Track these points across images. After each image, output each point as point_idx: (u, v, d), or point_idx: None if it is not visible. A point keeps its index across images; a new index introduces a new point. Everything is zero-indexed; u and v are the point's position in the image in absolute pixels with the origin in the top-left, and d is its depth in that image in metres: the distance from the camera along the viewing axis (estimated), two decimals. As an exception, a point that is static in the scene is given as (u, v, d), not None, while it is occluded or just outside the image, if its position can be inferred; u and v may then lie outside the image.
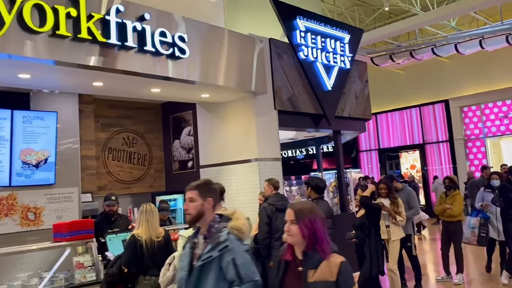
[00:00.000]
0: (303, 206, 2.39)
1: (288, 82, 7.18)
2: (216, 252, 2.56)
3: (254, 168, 6.63)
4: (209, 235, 2.68)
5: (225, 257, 2.54)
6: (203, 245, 2.68)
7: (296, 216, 2.33)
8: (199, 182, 2.79)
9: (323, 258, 2.26)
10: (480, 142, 16.04)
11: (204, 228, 2.73)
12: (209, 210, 2.71)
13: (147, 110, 8.74)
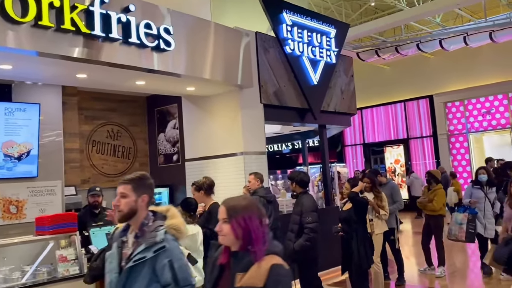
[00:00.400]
0: (237, 203, 2.12)
1: (274, 76, 7.18)
2: (151, 253, 2.33)
3: (239, 162, 6.64)
4: (141, 234, 2.44)
5: (160, 259, 2.32)
6: (132, 245, 2.44)
7: (228, 214, 2.08)
8: (133, 176, 2.55)
9: (254, 260, 1.99)
10: (463, 138, 16.28)
11: (135, 226, 2.48)
12: (143, 207, 2.47)
13: (132, 103, 8.65)
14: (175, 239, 2.41)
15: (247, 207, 2.09)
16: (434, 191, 7.03)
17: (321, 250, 5.36)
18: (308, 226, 4.81)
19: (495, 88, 15.22)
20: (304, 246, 4.80)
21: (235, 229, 2.03)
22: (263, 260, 1.97)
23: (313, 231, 4.81)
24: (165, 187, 8.03)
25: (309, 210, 4.88)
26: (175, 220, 2.47)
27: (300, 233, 4.87)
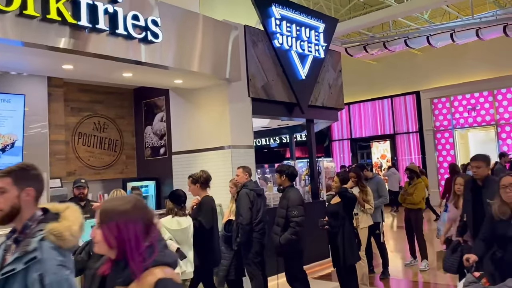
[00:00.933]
0: (112, 206, 1.74)
1: (263, 69, 7.17)
2: (21, 265, 1.90)
3: (227, 156, 6.63)
4: (22, 238, 2.02)
5: (31, 272, 1.89)
6: (11, 251, 2.02)
7: (100, 218, 1.71)
8: (13, 167, 2.10)
9: (133, 277, 1.65)
10: (449, 134, 16.47)
11: (18, 228, 2.06)
12: (28, 203, 2.06)
13: (119, 95, 8.58)
14: (55, 247, 1.94)
15: (125, 212, 1.70)
16: (415, 185, 7.18)
17: (307, 243, 5.40)
18: (294, 220, 4.84)
19: (480, 85, 15.41)
20: (290, 239, 4.83)
21: (107, 237, 1.67)
22: (148, 274, 1.65)
23: (299, 225, 4.84)
24: (152, 180, 8.01)
25: (296, 204, 4.91)
26: (64, 223, 2.00)
27: (286, 227, 4.90)
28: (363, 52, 15.01)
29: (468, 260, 3.65)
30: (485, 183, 4.38)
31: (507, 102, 15.17)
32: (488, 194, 4.21)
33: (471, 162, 4.53)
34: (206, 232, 4.90)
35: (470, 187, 4.55)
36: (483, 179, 4.39)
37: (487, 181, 4.38)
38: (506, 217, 3.52)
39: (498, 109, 15.35)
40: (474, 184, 4.51)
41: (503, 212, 3.52)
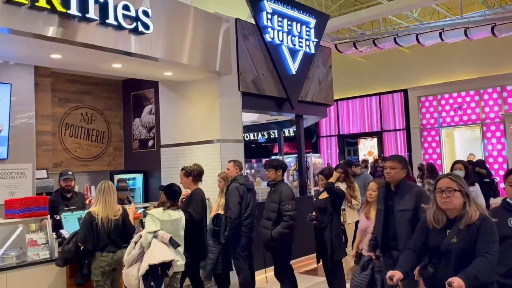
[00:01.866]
0: None
1: (253, 64, 7.15)
2: None
3: (216, 149, 6.61)
4: None
5: None
6: None
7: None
8: None
9: None
10: (435, 132, 16.64)
11: None
12: None
13: (107, 86, 8.49)
14: None
15: None
16: None
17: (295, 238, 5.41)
18: (288, 214, 4.85)
19: (467, 84, 15.57)
20: (282, 233, 4.83)
21: None
22: None
23: (292, 219, 4.85)
24: (140, 173, 7.96)
25: (289, 198, 4.92)
26: None
27: (278, 221, 4.90)
28: (353, 49, 15.06)
29: (391, 278, 2.92)
30: (398, 189, 3.83)
31: (493, 101, 15.37)
32: (399, 202, 3.76)
33: (385, 162, 3.99)
34: (195, 224, 4.88)
35: (383, 194, 3.96)
36: (396, 184, 3.84)
37: (399, 186, 3.83)
38: (441, 226, 2.86)
39: (484, 109, 15.55)
40: (387, 189, 3.93)
41: (437, 220, 2.86)
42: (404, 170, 3.86)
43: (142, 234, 4.29)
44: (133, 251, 4.28)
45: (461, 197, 2.82)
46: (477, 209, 2.78)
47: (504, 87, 15.10)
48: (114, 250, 4.44)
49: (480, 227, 2.71)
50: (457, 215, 2.81)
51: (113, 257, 4.42)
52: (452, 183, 2.85)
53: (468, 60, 15.40)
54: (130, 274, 4.23)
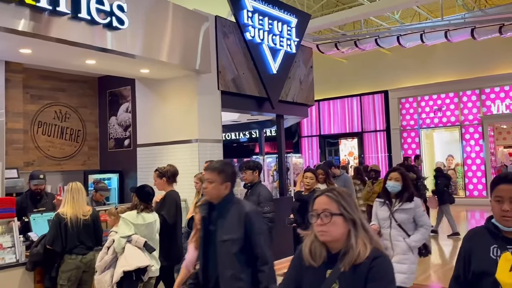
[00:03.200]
0: None
1: (233, 62, 7.01)
2: None
3: (194, 149, 6.46)
4: None
5: None
6: None
7: None
8: None
9: None
10: (415, 133, 16.76)
11: None
12: None
13: (82, 83, 8.24)
14: None
15: None
16: (379, 183, 7.26)
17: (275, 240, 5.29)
18: (267, 216, 4.73)
19: (447, 86, 15.72)
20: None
21: None
22: None
23: (271, 221, 4.74)
24: (115, 173, 7.74)
25: (267, 199, 4.81)
26: None
27: (256, 223, 4.77)
28: (334, 49, 15.05)
29: None
30: (221, 210, 2.80)
31: (472, 104, 15.55)
32: (222, 228, 2.74)
33: (204, 172, 2.96)
34: (169, 227, 4.72)
35: (204, 214, 2.88)
36: (218, 203, 2.81)
37: (222, 207, 2.80)
38: (319, 264, 1.96)
39: (462, 111, 15.72)
40: (210, 210, 2.85)
41: (315, 254, 1.97)
42: (228, 184, 2.80)
43: (115, 239, 4.11)
44: (105, 256, 4.10)
45: (344, 224, 1.92)
46: (368, 242, 1.91)
47: (483, 89, 15.29)
48: (83, 252, 4.27)
49: (370, 270, 1.85)
50: (340, 249, 1.93)
51: (82, 259, 4.25)
52: (330, 203, 1.94)
53: (447, 63, 15.55)
54: (103, 280, 4.05)
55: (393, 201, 4.02)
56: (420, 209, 4.01)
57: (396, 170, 4.10)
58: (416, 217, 3.95)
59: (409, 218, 3.95)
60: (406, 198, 3.95)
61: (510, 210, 1.98)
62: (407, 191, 3.98)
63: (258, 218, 2.86)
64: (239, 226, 2.72)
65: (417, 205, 3.99)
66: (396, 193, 4.00)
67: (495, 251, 2.03)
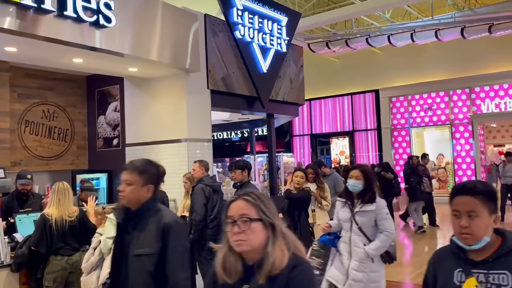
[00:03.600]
0: None
1: (223, 61, 6.97)
2: None
3: (183, 149, 6.41)
4: None
5: None
6: None
7: None
8: None
9: None
10: (405, 132, 16.82)
11: None
12: None
13: (71, 82, 8.14)
14: None
15: None
16: None
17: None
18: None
19: (437, 85, 15.79)
20: None
21: None
22: None
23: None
24: (104, 173, 7.66)
25: None
26: None
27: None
28: (326, 48, 15.04)
29: None
30: (138, 218, 2.38)
31: (462, 103, 15.63)
32: (137, 240, 2.32)
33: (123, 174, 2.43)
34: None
35: (119, 221, 2.48)
36: (137, 209, 2.39)
37: (140, 214, 2.38)
38: (235, 279, 1.69)
39: (453, 109, 15.80)
40: (128, 217, 2.42)
41: (229, 269, 1.69)
42: (150, 187, 2.41)
43: (102, 240, 4.06)
44: (92, 257, 4.05)
45: (263, 231, 1.68)
46: (285, 249, 1.67)
47: (473, 88, 15.38)
48: (69, 254, 4.22)
49: (289, 282, 1.61)
50: (257, 260, 1.67)
51: (68, 260, 4.19)
52: (248, 208, 1.69)
53: (438, 62, 15.62)
54: (89, 282, 4.00)
55: (355, 201, 3.67)
56: (383, 212, 3.64)
57: (357, 167, 3.77)
58: (377, 220, 3.61)
59: (370, 221, 3.61)
60: (367, 199, 3.61)
61: (468, 226, 1.71)
62: (369, 191, 3.63)
63: (179, 232, 2.36)
64: (156, 239, 2.27)
65: (379, 207, 3.63)
66: (358, 193, 3.65)
67: (459, 276, 1.76)
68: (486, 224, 1.72)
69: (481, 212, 1.71)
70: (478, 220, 1.70)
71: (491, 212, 1.73)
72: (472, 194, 1.72)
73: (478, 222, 1.70)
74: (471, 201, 1.71)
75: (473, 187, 1.74)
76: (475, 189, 1.73)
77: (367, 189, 3.63)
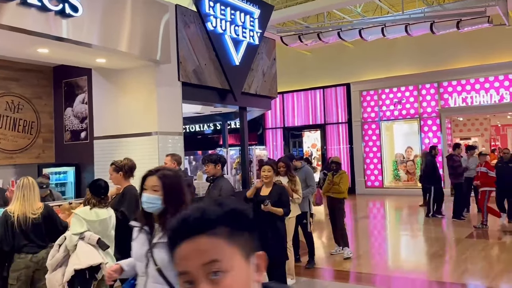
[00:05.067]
0: None
1: (194, 53, 6.87)
2: None
3: (153, 142, 6.30)
4: None
5: None
6: None
7: None
8: None
9: None
10: (376, 125, 17.07)
11: None
12: None
13: (37, 73, 7.86)
14: None
15: None
16: (340, 175, 7.33)
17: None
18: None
19: (407, 80, 16.08)
20: None
21: None
22: None
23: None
24: (71, 166, 7.46)
25: (229, 194, 4.73)
26: None
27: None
28: (298, 42, 15.06)
29: None
30: None
31: (430, 97, 15.97)
32: None
33: None
34: (128, 223, 4.56)
35: None
36: None
37: None
38: None
39: (421, 103, 16.13)
40: None
41: None
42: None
43: (67, 236, 3.95)
44: (57, 254, 3.94)
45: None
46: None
47: (441, 83, 15.73)
48: (34, 251, 4.09)
49: None
50: None
51: (33, 258, 4.06)
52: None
53: (408, 56, 15.90)
54: (54, 279, 3.90)
55: (155, 227, 2.36)
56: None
57: (153, 173, 2.41)
58: None
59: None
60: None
61: None
62: (170, 210, 2.26)
63: None
64: None
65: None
66: (159, 214, 2.34)
67: None
68: (244, 280, 0.95)
69: (230, 261, 0.93)
70: (230, 277, 0.92)
71: (247, 254, 0.97)
72: (203, 231, 0.93)
73: (231, 282, 0.92)
74: (207, 245, 0.92)
75: (201, 217, 0.95)
76: (207, 218, 0.95)
77: (169, 206, 2.30)
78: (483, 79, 14.98)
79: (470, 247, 7.72)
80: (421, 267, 6.81)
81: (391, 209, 12.88)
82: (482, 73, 14.85)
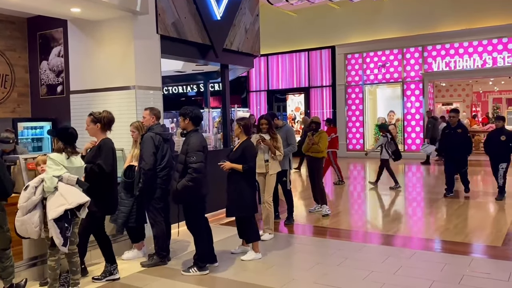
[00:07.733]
0: None
1: (174, 5, 6.64)
2: None
3: (131, 96, 6.15)
4: None
5: None
6: None
7: None
8: None
9: None
10: (359, 89, 17.07)
11: None
12: None
13: (10, 24, 7.54)
14: None
15: None
16: (319, 135, 7.39)
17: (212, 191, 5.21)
18: (192, 166, 4.56)
19: (391, 43, 15.99)
20: (186, 186, 4.57)
21: None
22: None
23: (197, 172, 4.56)
24: (48, 121, 7.30)
25: (195, 149, 4.62)
26: None
27: (185, 173, 4.63)
28: (284, 1, 14.75)
29: None
30: None
31: (414, 60, 15.95)
32: None
33: None
34: (105, 177, 4.49)
35: None
36: None
37: None
38: None
39: (405, 67, 16.11)
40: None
41: None
42: None
43: (46, 178, 3.88)
44: (33, 197, 3.88)
45: None
46: None
47: (425, 47, 15.68)
48: None
49: None
50: None
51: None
52: None
53: (393, 20, 15.74)
54: (30, 222, 3.87)
55: None
56: None
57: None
58: None
59: None
60: None
61: None
62: None
63: None
64: None
65: None
66: None
67: None
68: None
69: None
70: None
71: None
72: None
73: None
74: None
75: None
76: None
77: None
78: (467, 44, 14.97)
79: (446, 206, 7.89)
80: (395, 223, 6.94)
81: (371, 171, 13.04)
82: (466, 37, 14.83)
